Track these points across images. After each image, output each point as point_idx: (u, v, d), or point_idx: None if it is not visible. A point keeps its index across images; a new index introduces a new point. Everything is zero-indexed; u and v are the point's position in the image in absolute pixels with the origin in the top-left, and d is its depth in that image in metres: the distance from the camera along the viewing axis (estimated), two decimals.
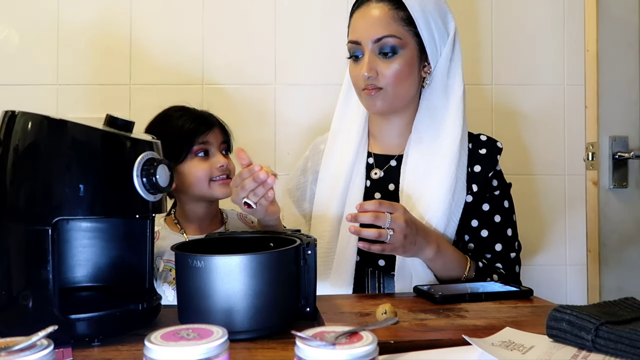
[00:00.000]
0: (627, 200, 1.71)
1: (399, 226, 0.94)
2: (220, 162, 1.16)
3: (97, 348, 0.71)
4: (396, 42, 1.08)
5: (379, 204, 0.95)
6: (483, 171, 1.14)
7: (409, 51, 1.10)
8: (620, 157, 1.68)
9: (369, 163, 1.20)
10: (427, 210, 1.08)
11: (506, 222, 1.14)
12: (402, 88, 1.11)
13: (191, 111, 1.21)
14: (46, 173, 0.70)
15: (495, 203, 1.14)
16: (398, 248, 0.97)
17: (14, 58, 1.61)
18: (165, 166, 0.77)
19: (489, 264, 1.11)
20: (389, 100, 1.11)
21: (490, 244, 1.13)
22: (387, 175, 1.17)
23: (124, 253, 0.87)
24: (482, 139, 1.18)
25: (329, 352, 0.50)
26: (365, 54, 1.09)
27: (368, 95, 1.10)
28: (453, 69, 1.14)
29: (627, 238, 1.70)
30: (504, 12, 1.70)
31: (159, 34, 1.63)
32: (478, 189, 1.13)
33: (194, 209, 1.21)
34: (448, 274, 1.06)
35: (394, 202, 0.99)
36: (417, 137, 1.15)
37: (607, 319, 0.63)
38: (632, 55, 1.71)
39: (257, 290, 0.72)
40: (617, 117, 1.71)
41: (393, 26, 1.08)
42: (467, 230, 1.13)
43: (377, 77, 1.09)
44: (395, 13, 1.08)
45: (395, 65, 1.08)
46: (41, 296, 0.69)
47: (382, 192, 1.16)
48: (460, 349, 0.66)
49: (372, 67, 1.08)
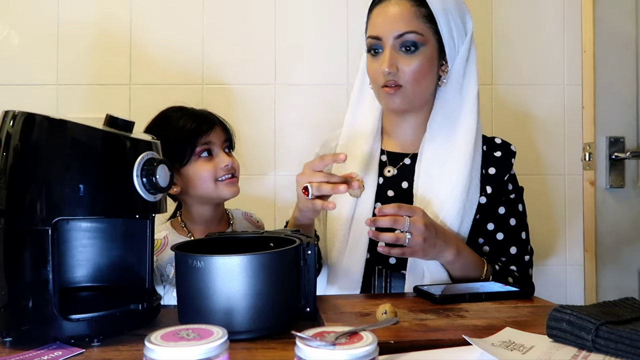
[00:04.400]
0: (623, 200, 1.71)
1: (418, 229, 0.95)
2: (224, 161, 1.14)
3: (97, 348, 0.71)
4: (418, 38, 1.07)
5: (398, 208, 0.95)
6: (498, 174, 1.14)
7: (429, 48, 1.09)
8: (617, 158, 1.69)
9: (382, 160, 1.19)
10: (441, 209, 1.08)
11: (521, 226, 1.15)
12: (421, 86, 1.10)
13: (190, 111, 1.18)
14: (46, 173, 0.70)
15: (511, 206, 1.15)
16: (418, 251, 0.97)
17: (14, 58, 1.61)
18: (165, 166, 0.77)
19: (504, 267, 1.12)
20: (408, 99, 1.10)
21: (506, 247, 1.13)
22: (401, 173, 1.17)
23: (124, 253, 0.87)
24: (497, 142, 1.18)
25: (329, 352, 0.50)
26: (386, 49, 1.08)
27: (387, 93, 1.10)
28: (469, 69, 1.14)
29: (623, 238, 1.71)
30: (503, 12, 1.70)
31: (159, 34, 1.63)
32: (492, 191, 1.13)
33: (200, 211, 1.19)
34: (465, 276, 1.06)
35: (413, 206, 0.99)
36: (432, 135, 1.15)
37: (607, 319, 0.63)
38: (628, 57, 1.72)
39: (257, 291, 0.72)
40: (614, 117, 1.71)
41: (415, 22, 1.07)
42: (482, 233, 1.14)
43: (397, 73, 1.08)
44: (417, 10, 1.08)
45: (416, 61, 1.08)
46: (41, 296, 0.69)
47: (395, 190, 1.15)
48: (460, 349, 0.66)
49: (392, 62, 1.07)
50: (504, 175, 1.15)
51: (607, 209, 1.71)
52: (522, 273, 1.13)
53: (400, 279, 1.11)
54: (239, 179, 1.19)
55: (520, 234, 1.15)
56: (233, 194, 1.16)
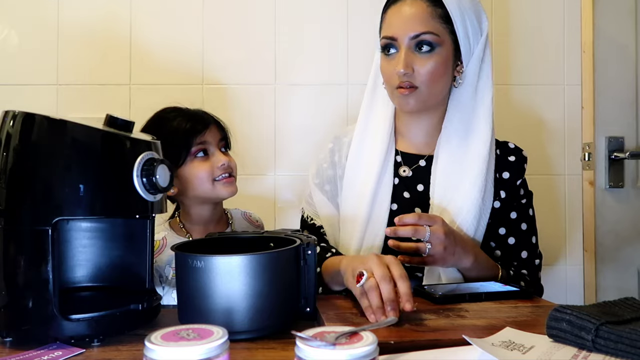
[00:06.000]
0: (623, 200, 1.71)
1: (439, 238, 0.95)
2: (221, 160, 1.14)
3: (97, 348, 0.71)
4: (434, 39, 1.06)
5: (418, 217, 0.95)
6: (512, 178, 1.15)
7: (445, 49, 1.08)
8: (616, 158, 1.69)
9: (397, 161, 1.18)
10: (458, 213, 1.08)
11: (531, 230, 1.16)
12: (436, 87, 1.09)
13: (185, 111, 1.18)
14: (46, 173, 0.70)
15: (522, 211, 1.15)
16: (438, 260, 0.98)
17: (14, 58, 1.61)
18: (165, 166, 0.77)
19: (515, 271, 1.12)
20: (423, 100, 1.09)
21: (517, 251, 1.14)
22: (416, 175, 1.16)
23: (124, 253, 0.87)
24: (510, 147, 1.19)
25: (329, 352, 0.50)
26: (401, 50, 1.07)
27: (401, 94, 1.08)
28: (484, 70, 1.13)
29: (623, 237, 1.71)
30: (502, 13, 1.70)
31: (159, 34, 1.63)
32: (506, 195, 1.14)
33: (199, 212, 1.19)
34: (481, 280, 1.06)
35: (433, 215, 0.99)
36: (447, 138, 1.14)
37: (607, 319, 0.63)
38: (628, 57, 1.72)
39: (257, 290, 0.72)
40: (613, 117, 1.71)
41: (431, 23, 1.06)
42: (494, 237, 1.14)
43: (412, 74, 1.07)
44: (434, 10, 1.07)
45: (432, 62, 1.06)
46: (41, 296, 0.69)
47: (411, 192, 1.15)
48: (460, 349, 0.66)
49: (408, 63, 1.06)
50: (517, 179, 1.15)
51: (607, 209, 1.71)
52: (532, 277, 1.13)
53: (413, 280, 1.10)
54: (236, 178, 1.18)
55: (531, 239, 1.15)
56: (231, 194, 1.15)
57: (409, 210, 1.12)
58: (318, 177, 1.22)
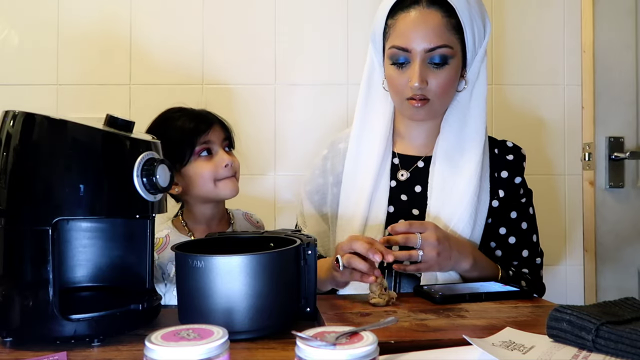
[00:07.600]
0: (623, 200, 1.71)
1: (431, 245, 0.95)
2: (224, 160, 1.14)
3: (97, 348, 0.71)
4: (448, 52, 1.05)
5: (409, 225, 0.96)
6: (510, 177, 1.14)
7: (456, 60, 1.07)
8: (616, 158, 1.69)
9: (394, 164, 1.17)
10: (454, 212, 1.08)
11: (531, 229, 1.16)
12: (447, 98, 1.10)
13: (189, 111, 1.19)
14: (46, 173, 0.70)
15: (522, 210, 1.15)
16: (433, 266, 0.98)
17: (14, 58, 1.61)
18: (165, 166, 0.77)
19: (516, 270, 1.12)
20: (434, 110, 1.10)
21: (518, 250, 1.14)
22: (414, 176, 1.16)
23: (124, 253, 0.87)
24: (508, 145, 1.18)
25: (330, 352, 0.50)
26: (415, 63, 1.05)
27: (413, 106, 1.08)
28: (481, 70, 1.13)
29: (623, 237, 1.71)
30: (502, 13, 1.70)
31: (159, 34, 1.63)
32: (505, 194, 1.13)
33: (201, 210, 1.20)
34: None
35: (425, 222, 0.99)
36: (445, 137, 1.14)
37: (608, 319, 0.63)
38: (628, 57, 1.72)
39: (257, 290, 0.72)
40: (614, 117, 1.71)
41: (446, 35, 1.04)
42: (494, 237, 1.14)
43: (426, 87, 1.06)
44: (448, 21, 1.05)
45: (445, 75, 1.06)
46: (41, 296, 0.69)
47: (408, 194, 1.14)
48: (460, 349, 0.66)
49: (423, 78, 1.04)
50: (516, 178, 1.15)
51: (607, 208, 1.71)
52: (533, 275, 1.13)
53: (409, 279, 1.11)
54: (239, 178, 1.19)
55: (532, 237, 1.15)
56: (233, 193, 1.16)
57: (406, 212, 1.12)
58: (309, 183, 1.24)
